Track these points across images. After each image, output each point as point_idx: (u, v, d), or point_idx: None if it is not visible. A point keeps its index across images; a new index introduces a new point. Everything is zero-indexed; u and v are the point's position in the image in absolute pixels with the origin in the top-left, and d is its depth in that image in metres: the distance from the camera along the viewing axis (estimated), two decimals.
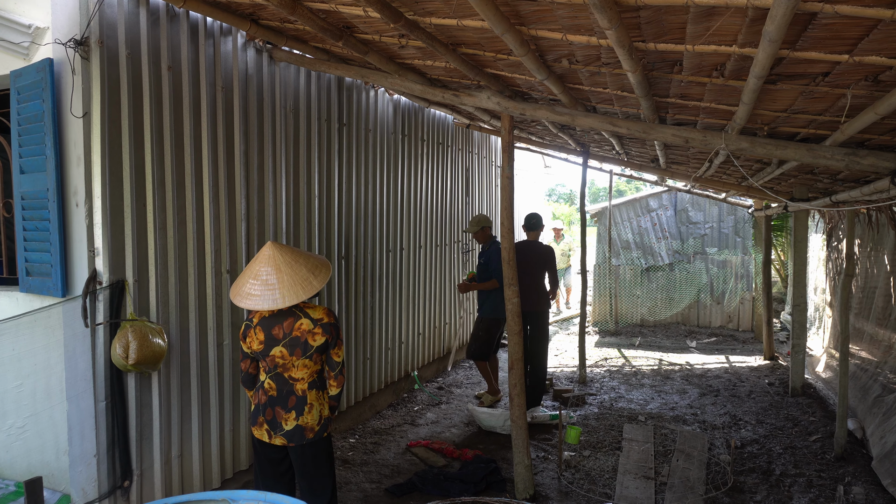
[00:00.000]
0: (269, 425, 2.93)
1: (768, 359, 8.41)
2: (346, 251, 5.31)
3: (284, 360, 2.91)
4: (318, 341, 2.92)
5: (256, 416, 2.98)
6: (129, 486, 3.33)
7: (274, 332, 2.90)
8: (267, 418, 2.93)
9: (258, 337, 2.91)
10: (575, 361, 8.08)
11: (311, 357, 2.93)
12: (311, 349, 2.91)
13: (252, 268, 2.90)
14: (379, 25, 3.28)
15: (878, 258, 6.02)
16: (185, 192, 3.66)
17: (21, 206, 3.45)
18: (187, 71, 3.64)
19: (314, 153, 4.82)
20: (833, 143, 3.21)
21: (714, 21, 2.21)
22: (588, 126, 3.96)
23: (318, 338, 2.92)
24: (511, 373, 4.17)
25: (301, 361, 2.91)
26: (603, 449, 5.05)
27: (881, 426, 4.79)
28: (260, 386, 2.98)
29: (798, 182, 5.78)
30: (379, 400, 6.02)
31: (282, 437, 2.92)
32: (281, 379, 2.93)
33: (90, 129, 3.17)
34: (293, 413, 2.92)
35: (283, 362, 2.91)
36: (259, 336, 2.91)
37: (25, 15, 3.29)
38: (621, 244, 11.27)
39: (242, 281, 2.91)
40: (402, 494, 4.22)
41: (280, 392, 2.93)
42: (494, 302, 6.08)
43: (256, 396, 3.00)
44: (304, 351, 2.90)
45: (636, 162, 7.54)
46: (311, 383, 2.97)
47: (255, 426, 2.99)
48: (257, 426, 2.97)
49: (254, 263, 2.91)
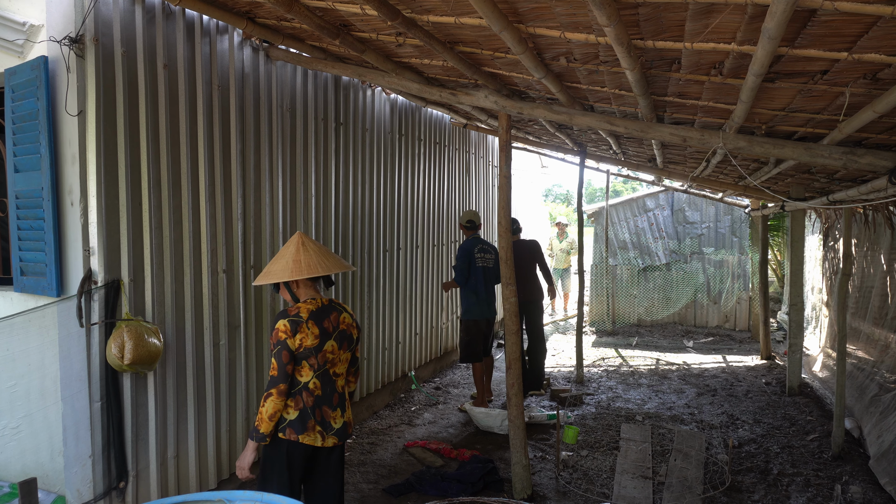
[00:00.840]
0: (321, 426, 2.80)
1: (765, 358, 8.42)
2: (343, 251, 5.29)
3: (334, 356, 2.85)
4: (356, 336, 2.98)
5: (305, 420, 2.76)
6: (124, 487, 3.31)
7: (325, 325, 2.82)
8: (317, 419, 2.79)
9: (313, 331, 2.77)
10: (572, 361, 8.08)
11: (352, 351, 2.98)
12: (354, 343, 2.97)
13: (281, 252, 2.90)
14: (376, 23, 3.27)
15: (875, 257, 6.03)
16: (181, 191, 3.64)
17: (15, 205, 3.42)
18: (183, 69, 3.62)
19: (311, 152, 4.80)
20: (831, 141, 3.21)
21: (713, 18, 2.20)
22: (586, 125, 3.95)
23: (355, 333, 2.98)
24: (509, 372, 4.16)
25: (345, 356, 2.93)
26: (600, 449, 5.05)
27: (878, 425, 4.80)
28: (303, 388, 2.78)
29: (795, 181, 5.79)
30: (376, 400, 6.01)
31: (334, 436, 2.86)
32: (326, 376, 2.84)
33: (85, 128, 3.15)
34: (339, 410, 2.89)
35: (332, 357, 2.85)
36: (314, 330, 2.77)
37: (20, 12, 3.27)
38: (618, 244, 11.28)
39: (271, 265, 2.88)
40: (399, 495, 4.20)
41: (325, 390, 2.83)
42: (465, 303, 6.03)
43: (300, 401, 2.77)
44: (349, 345, 2.94)
45: (633, 161, 7.54)
46: (346, 379, 3.01)
47: (303, 433, 2.76)
48: (307, 432, 2.76)
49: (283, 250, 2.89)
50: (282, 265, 2.81)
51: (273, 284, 2.89)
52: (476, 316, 5.98)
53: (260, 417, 2.70)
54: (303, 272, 2.78)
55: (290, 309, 2.81)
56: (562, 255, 12.17)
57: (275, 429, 2.75)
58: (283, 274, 2.79)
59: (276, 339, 2.73)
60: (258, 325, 4.28)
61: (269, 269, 2.84)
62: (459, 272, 5.92)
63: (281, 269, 2.80)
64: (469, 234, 6.18)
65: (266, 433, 2.71)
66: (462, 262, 5.91)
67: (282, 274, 2.79)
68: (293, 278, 2.78)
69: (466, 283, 5.94)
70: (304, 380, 2.79)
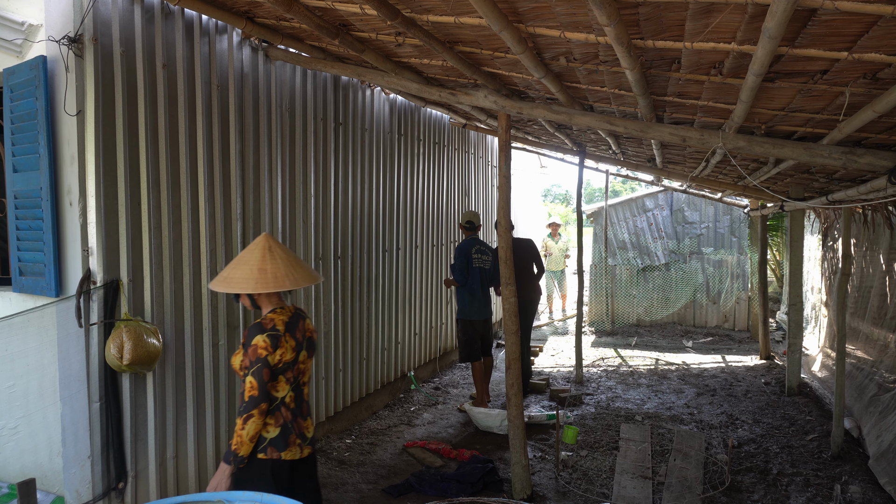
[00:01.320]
0: (300, 439, 2.69)
1: (764, 358, 8.42)
2: (342, 251, 5.29)
3: (304, 365, 2.73)
4: (316, 340, 2.88)
5: (287, 436, 2.63)
6: (123, 488, 3.30)
7: (297, 335, 2.68)
8: (296, 433, 2.67)
9: (290, 344, 2.62)
10: (572, 361, 8.08)
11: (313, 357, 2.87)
12: (315, 349, 2.87)
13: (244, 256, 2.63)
14: (375, 23, 3.27)
15: (874, 257, 6.04)
16: (180, 191, 3.63)
17: (14, 205, 3.41)
18: (182, 69, 3.61)
19: (310, 152, 4.80)
20: (830, 141, 3.21)
21: (713, 18, 2.20)
22: (585, 125, 3.95)
23: (315, 337, 2.87)
24: (508, 372, 4.15)
25: (311, 363, 2.79)
26: (600, 449, 5.04)
27: (877, 425, 4.80)
28: (281, 403, 2.63)
29: (794, 181, 5.79)
30: (375, 400, 6.00)
31: (308, 445, 2.74)
32: (298, 387, 2.71)
33: (84, 128, 3.14)
34: (309, 419, 2.77)
35: (303, 367, 2.73)
36: (291, 342, 2.62)
37: (19, 12, 3.27)
38: (617, 244, 11.28)
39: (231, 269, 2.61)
40: (398, 495, 4.20)
41: (297, 402, 2.71)
42: (461, 303, 6.07)
43: (279, 417, 2.63)
44: (313, 352, 2.80)
45: (633, 161, 7.54)
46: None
47: (285, 449, 2.62)
48: (289, 447, 2.63)
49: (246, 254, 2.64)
50: (244, 273, 2.55)
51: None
52: (471, 316, 6.00)
53: (239, 440, 2.50)
54: (268, 284, 2.54)
55: (265, 322, 2.59)
56: (559, 256, 12.09)
57: (253, 450, 2.58)
58: (245, 284, 2.54)
59: (255, 356, 2.53)
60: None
61: (229, 274, 2.57)
62: (458, 271, 5.94)
63: (243, 278, 2.55)
64: (468, 234, 6.20)
65: (245, 456, 2.54)
66: (461, 262, 5.94)
67: (244, 284, 2.54)
68: (257, 291, 2.53)
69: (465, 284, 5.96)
70: (280, 395, 2.63)
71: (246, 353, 2.55)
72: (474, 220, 6.21)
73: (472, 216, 6.23)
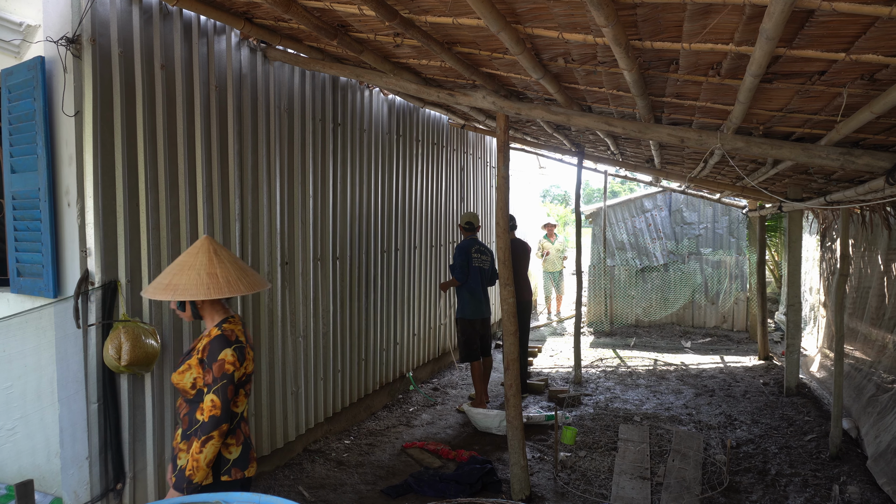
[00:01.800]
0: (255, 453, 2.55)
1: (763, 359, 8.43)
2: (340, 251, 5.29)
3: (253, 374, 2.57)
4: None
5: (248, 452, 2.46)
6: (121, 489, 3.30)
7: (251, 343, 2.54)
8: (253, 447, 2.53)
9: (251, 354, 2.47)
10: (570, 362, 8.08)
11: None
12: None
13: (187, 260, 2.39)
14: (374, 24, 3.27)
15: (872, 258, 6.04)
16: (178, 192, 3.63)
17: (12, 205, 3.41)
18: (181, 70, 3.61)
19: (309, 153, 4.80)
20: (828, 142, 3.21)
21: (711, 19, 2.20)
22: (583, 126, 3.96)
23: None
24: (507, 373, 4.15)
25: None
26: (599, 449, 5.04)
27: (876, 425, 4.80)
28: (241, 419, 2.47)
29: (792, 182, 5.80)
30: (374, 401, 6.00)
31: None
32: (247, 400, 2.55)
33: (82, 128, 3.14)
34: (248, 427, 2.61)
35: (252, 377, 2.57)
36: (251, 353, 2.47)
37: (17, 13, 3.26)
38: (616, 245, 11.28)
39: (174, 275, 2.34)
40: (397, 496, 4.20)
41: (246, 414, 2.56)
42: (461, 302, 6.11)
43: (240, 434, 2.45)
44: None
45: (631, 162, 7.54)
46: None
47: (248, 467, 2.46)
48: (251, 464, 2.48)
49: (189, 259, 2.39)
50: (192, 278, 2.31)
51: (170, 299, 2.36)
52: (471, 315, 6.03)
53: (196, 465, 2.26)
54: (222, 290, 2.31)
55: (228, 334, 2.38)
56: (556, 257, 12.00)
57: (215, 474, 2.35)
58: (196, 290, 2.29)
59: (222, 372, 2.31)
60: (255, 327, 4.27)
61: (173, 280, 2.31)
62: (459, 270, 5.98)
63: (193, 284, 2.30)
64: (467, 235, 6.24)
65: (202, 482, 2.29)
66: (461, 260, 5.98)
67: (195, 290, 2.29)
68: (211, 297, 2.30)
69: (465, 283, 5.98)
70: (240, 410, 2.45)
71: (208, 368, 2.33)
72: (474, 221, 6.26)
73: (471, 217, 6.27)
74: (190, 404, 2.40)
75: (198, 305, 2.43)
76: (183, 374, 2.39)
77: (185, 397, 2.42)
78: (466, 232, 6.25)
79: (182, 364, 2.41)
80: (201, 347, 2.38)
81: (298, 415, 4.76)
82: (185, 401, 2.42)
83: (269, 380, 4.41)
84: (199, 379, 2.36)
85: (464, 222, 6.26)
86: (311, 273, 4.85)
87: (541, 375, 7.44)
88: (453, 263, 6.11)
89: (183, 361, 2.42)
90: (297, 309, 4.69)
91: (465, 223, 6.25)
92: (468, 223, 6.24)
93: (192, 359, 2.39)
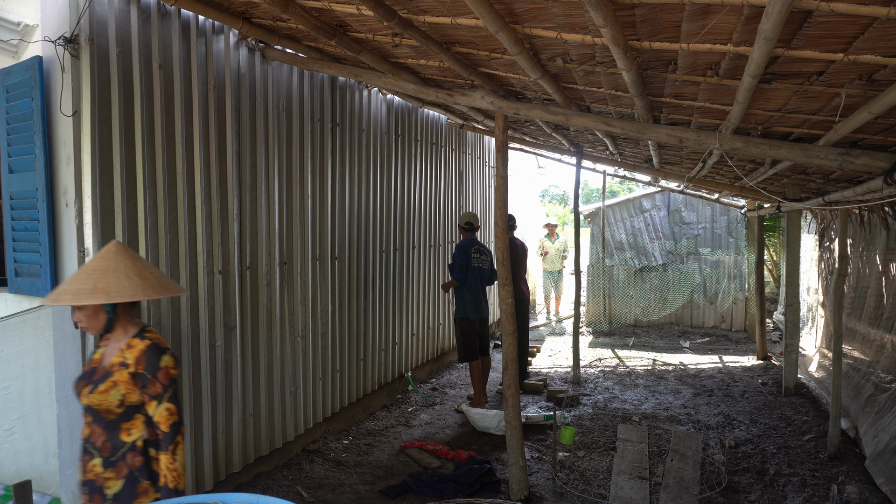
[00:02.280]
0: None
1: (761, 359, 8.43)
2: (339, 251, 5.28)
3: None
4: None
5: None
6: None
7: None
8: None
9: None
10: (569, 362, 8.08)
11: None
12: None
13: (109, 264, 2.23)
14: (372, 24, 3.27)
15: (870, 258, 6.05)
16: (176, 192, 3.62)
17: (10, 205, 3.41)
18: (179, 69, 3.60)
19: (307, 153, 4.79)
20: (827, 142, 3.22)
21: (709, 19, 2.20)
22: (582, 126, 3.95)
23: None
24: (505, 373, 4.15)
25: None
26: (597, 449, 5.05)
27: (874, 425, 4.81)
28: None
29: (791, 182, 5.80)
30: (372, 401, 6.00)
31: None
32: None
33: (80, 128, 3.13)
34: None
35: None
36: None
37: (14, 12, 3.26)
38: (615, 245, 11.29)
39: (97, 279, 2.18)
40: (396, 496, 4.19)
41: None
42: (460, 302, 6.11)
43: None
44: None
45: (630, 162, 7.55)
46: None
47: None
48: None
49: (110, 262, 2.24)
50: (121, 281, 2.17)
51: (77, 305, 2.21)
52: (470, 315, 6.04)
53: (176, 475, 2.20)
54: (158, 290, 2.23)
55: (157, 341, 2.28)
56: (556, 256, 11.98)
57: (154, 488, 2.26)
58: (134, 291, 2.17)
59: (169, 378, 2.23)
60: (254, 326, 4.27)
61: (97, 285, 2.14)
62: (459, 270, 5.99)
63: (126, 286, 2.17)
64: (466, 235, 6.25)
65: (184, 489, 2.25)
66: (461, 260, 6.00)
67: (133, 291, 2.16)
68: (149, 297, 2.21)
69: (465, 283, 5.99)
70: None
71: (152, 378, 2.20)
72: (473, 221, 6.28)
73: (471, 217, 6.29)
74: (109, 428, 2.22)
75: (118, 313, 2.27)
76: (105, 392, 2.19)
77: (104, 419, 2.22)
78: (465, 232, 6.26)
79: (100, 383, 2.20)
80: (133, 361, 2.22)
81: (297, 415, 4.76)
82: (102, 425, 2.23)
83: (268, 380, 4.41)
84: (129, 394, 2.20)
85: (463, 222, 6.27)
86: (310, 273, 4.85)
87: (539, 375, 7.45)
88: (452, 263, 6.12)
89: (99, 381, 2.21)
90: (296, 309, 4.69)
91: (465, 223, 6.26)
92: (467, 223, 6.25)
93: (114, 375, 2.20)
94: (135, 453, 2.22)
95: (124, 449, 2.22)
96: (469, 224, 6.25)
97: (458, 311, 6.11)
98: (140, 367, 2.21)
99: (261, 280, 4.30)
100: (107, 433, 2.23)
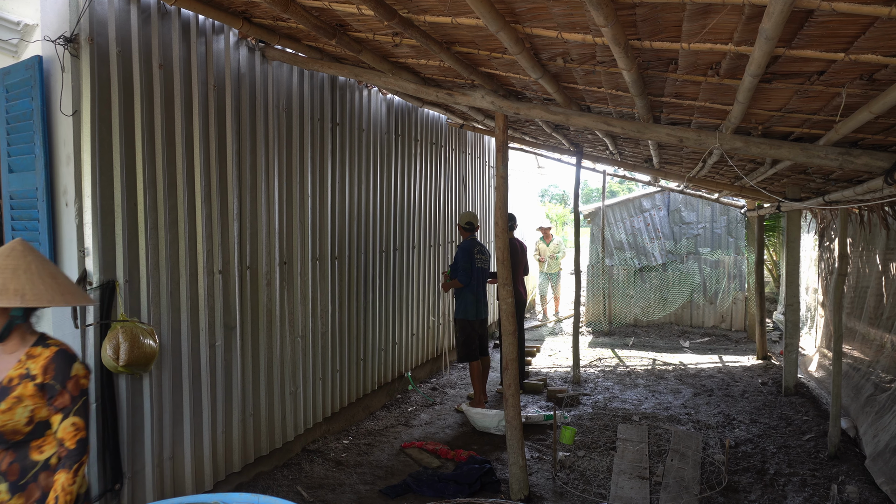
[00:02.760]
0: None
1: (761, 358, 8.43)
2: (339, 251, 5.28)
3: None
4: None
5: (86, 475, 2.11)
6: (120, 489, 3.29)
7: None
8: None
9: None
10: (569, 362, 8.08)
11: None
12: None
13: (20, 263, 1.94)
14: (372, 23, 3.26)
15: (870, 258, 6.05)
16: (176, 192, 3.62)
17: (10, 205, 3.40)
18: (179, 69, 3.60)
19: (307, 153, 4.79)
20: (827, 142, 3.22)
21: (710, 19, 2.20)
22: (582, 125, 3.95)
23: None
24: (505, 373, 4.15)
25: None
26: (597, 449, 5.05)
27: (874, 425, 4.81)
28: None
29: (791, 182, 5.80)
30: (372, 401, 5.99)
31: None
32: None
33: (80, 128, 3.13)
34: None
35: None
36: None
37: (14, 12, 3.25)
38: (614, 244, 11.28)
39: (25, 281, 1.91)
40: (396, 496, 4.19)
41: None
42: (462, 302, 6.10)
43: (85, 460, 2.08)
44: None
45: (630, 162, 7.55)
46: None
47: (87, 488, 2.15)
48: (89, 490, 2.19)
49: (14, 260, 1.94)
50: (34, 282, 1.91)
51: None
52: (471, 316, 6.04)
53: (73, 497, 1.94)
54: (75, 297, 2.01)
55: (67, 348, 2.04)
56: (551, 262, 11.83)
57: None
58: (49, 296, 1.91)
59: (79, 388, 1.98)
60: (254, 327, 4.26)
61: (7, 285, 1.87)
62: (463, 272, 5.96)
63: (43, 290, 1.91)
64: (466, 235, 6.24)
65: None
66: (465, 262, 5.97)
67: (50, 296, 1.91)
68: (68, 304, 2.02)
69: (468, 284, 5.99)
70: None
71: (61, 389, 1.95)
72: (473, 221, 6.27)
73: (471, 217, 6.28)
74: (15, 448, 1.97)
75: (28, 317, 2.03)
76: (10, 411, 1.91)
77: (10, 440, 1.95)
78: (466, 232, 6.25)
79: (1, 401, 1.91)
80: (39, 371, 1.95)
81: (297, 415, 4.75)
82: (5, 447, 1.96)
83: (268, 380, 4.41)
84: (38, 409, 1.95)
85: (463, 222, 6.26)
86: (310, 273, 4.84)
87: (539, 375, 7.45)
88: (456, 265, 6.09)
89: (11, 396, 1.93)
90: (296, 309, 4.68)
91: (465, 223, 6.25)
92: (468, 223, 6.24)
93: (16, 390, 1.93)
94: (48, 473, 1.97)
95: (35, 469, 1.96)
96: (469, 224, 6.24)
97: (459, 312, 6.10)
98: (48, 376, 1.95)
99: (261, 280, 4.30)
100: (13, 454, 1.97)
